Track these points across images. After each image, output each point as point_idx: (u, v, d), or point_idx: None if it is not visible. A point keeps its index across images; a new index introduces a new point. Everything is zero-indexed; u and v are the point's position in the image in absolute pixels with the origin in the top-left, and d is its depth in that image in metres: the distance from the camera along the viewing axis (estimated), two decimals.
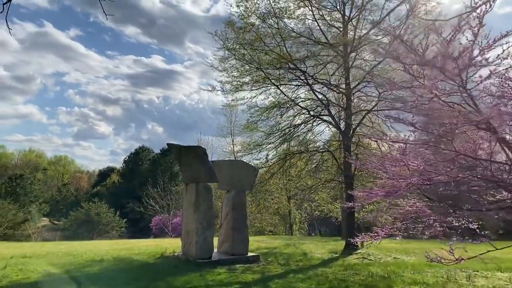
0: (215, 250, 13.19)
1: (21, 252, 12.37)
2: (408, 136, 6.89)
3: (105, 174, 75.93)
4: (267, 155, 16.82)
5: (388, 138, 9.23)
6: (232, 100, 16.16)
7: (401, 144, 7.33)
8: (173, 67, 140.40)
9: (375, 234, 8.40)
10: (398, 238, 7.69)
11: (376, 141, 16.72)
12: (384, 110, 16.18)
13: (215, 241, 13.38)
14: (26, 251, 12.86)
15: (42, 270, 9.42)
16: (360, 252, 15.16)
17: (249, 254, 12.57)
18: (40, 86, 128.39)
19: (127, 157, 66.13)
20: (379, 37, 15.23)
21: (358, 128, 16.62)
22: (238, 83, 15.85)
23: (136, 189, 48.26)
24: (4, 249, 13.34)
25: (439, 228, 6.69)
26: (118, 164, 72.97)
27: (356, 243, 15.82)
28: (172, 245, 14.84)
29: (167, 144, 12.41)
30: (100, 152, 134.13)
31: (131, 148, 71.02)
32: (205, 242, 11.49)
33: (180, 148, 12.30)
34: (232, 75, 15.85)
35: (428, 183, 6.78)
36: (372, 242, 8.96)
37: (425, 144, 7.15)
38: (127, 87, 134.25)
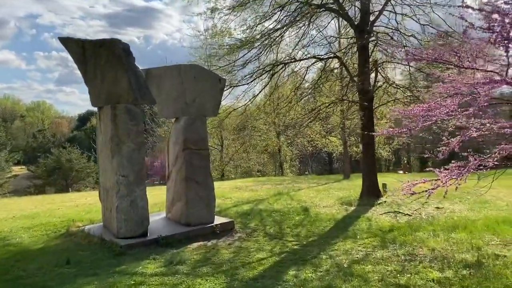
0: (164, 214, 8.27)
1: None
2: None
3: (85, 118, 72.39)
4: (244, 63, 10.94)
5: None
6: None
7: None
8: (151, 4, 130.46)
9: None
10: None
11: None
12: None
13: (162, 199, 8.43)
14: None
15: None
16: (385, 202, 10.37)
17: (217, 220, 7.60)
18: (14, 30, 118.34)
19: None
20: None
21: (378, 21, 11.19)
22: None
23: None
24: None
25: None
26: None
27: (379, 189, 11.13)
28: None
29: (59, 38, 6.91)
30: (84, 97, 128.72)
31: None
32: (132, 209, 6.45)
33: (82, 45, 6.84)
34: None
35: None
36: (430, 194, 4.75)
37: None
38: (105, 28, 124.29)
